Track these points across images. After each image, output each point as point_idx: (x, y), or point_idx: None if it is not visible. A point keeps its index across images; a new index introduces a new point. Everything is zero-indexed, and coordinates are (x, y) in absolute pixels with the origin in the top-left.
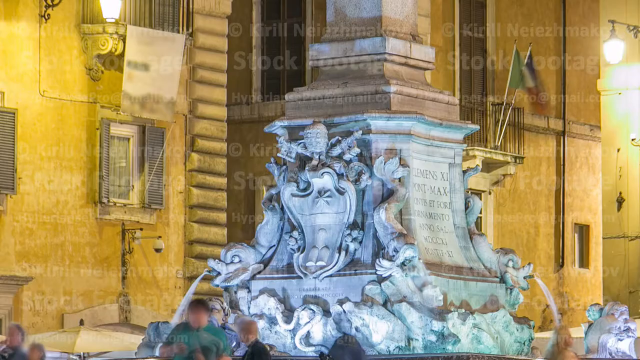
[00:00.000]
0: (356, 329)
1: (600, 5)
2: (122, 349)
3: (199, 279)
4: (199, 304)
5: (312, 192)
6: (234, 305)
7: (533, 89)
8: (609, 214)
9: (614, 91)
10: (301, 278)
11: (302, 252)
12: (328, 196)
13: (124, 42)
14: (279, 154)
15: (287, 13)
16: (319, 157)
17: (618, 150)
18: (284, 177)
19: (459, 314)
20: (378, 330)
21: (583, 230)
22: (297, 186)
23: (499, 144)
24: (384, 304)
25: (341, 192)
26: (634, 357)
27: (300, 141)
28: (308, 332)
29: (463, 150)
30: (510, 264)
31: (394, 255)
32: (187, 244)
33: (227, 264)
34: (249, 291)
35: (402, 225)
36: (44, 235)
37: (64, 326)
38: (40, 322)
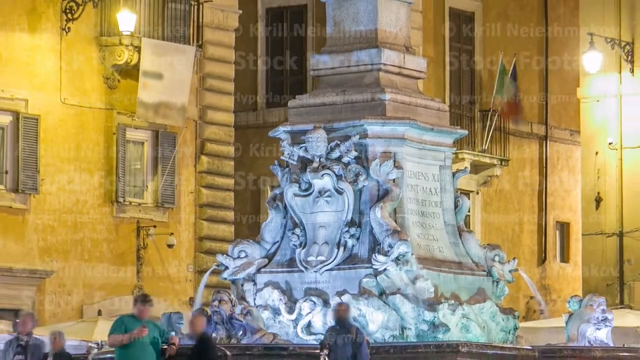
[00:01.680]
0: (354, 318)
1: (580, 19)
2: None
3: (208, 272)
4: (148, 298)
5: (313, 192)
6: (241, 297)
7: (513, 98)
8: (587, 212)
9: (592, 99)
10: (303, 272)
11: (303, 248)
12: (328, 196)
13: (139, 53)
14: (282, 157)
15: (290, 25)
16: (320, 159)
17: (596, 153)
18: (287, 178)
19: (449, 305)
20: (374, 320)
21: (564, 228)
22: (299, 187)
23: (486, 148)
24: (380, 296)
25: (340, 192)
26: (611, 344)
27: (302, 145)
28: (309, 322)
29: (453, 153)
30: (497, 258)
31: (388, 251)
32: (197, 240)
33: (234, 258)
34: (255, 284)
35: (396, 222)
36: (65, 232)
37: (83, 316)
38: (61, 312)
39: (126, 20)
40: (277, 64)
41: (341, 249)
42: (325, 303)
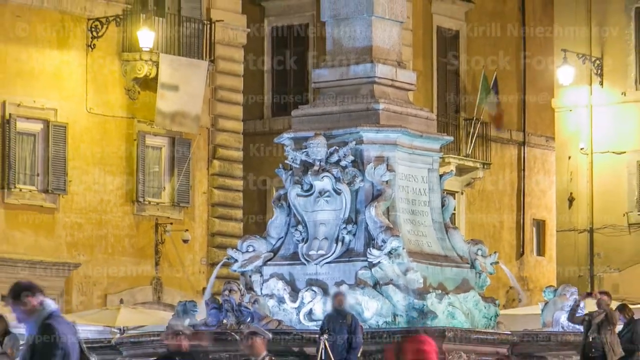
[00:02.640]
0: (350, 306)
1: (554, 37)
2: (155, 323)
3: (219, 265)
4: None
5: (314, 192)
6: (249, 287)
7: (495, 107)
8: (561, 211)
9: (565, 108)
10: (305, 264)
11: (305, 243)
12: (327, 196)
13: (157, 68)
14: (286, 161)
15: (294, 45)
16: (320, 163)
17: (569, 157)
18: (290, 180)
19: (437, 294)
20: (369, 308)
21: (540, 225)
22: (302, 188)
23: (470, 152)
24: (374, 286)
25: (338, 192)
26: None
27: (304, 150)
28: (310, 309)
29: (440, 157)
30: (479, 252)
31: (382, 246)
32: (210, 236)
33: (243, 252)
34: (261, 275)
35: (389, 220)
36: (90, 228)
37: (106, 305)
38: (86, 301)
39: (146, 37)
40: (282, 83)
41: (339, 244)
42: (325, 292)
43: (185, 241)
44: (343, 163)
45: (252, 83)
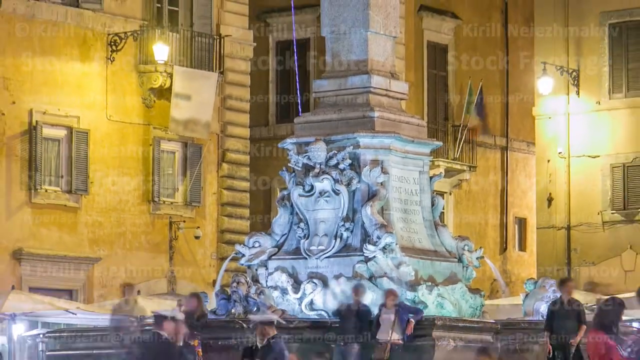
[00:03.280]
0: (348, 297)
1: (535, 51)
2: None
3: (228, 259)
4: None
5: (314, 193)
6: (255, 280)
7: (480, 115)
8: (541, 210)
9: (545, 116)
10: (306, 258)
11: (307, 239)
12: (327, 196)
13: (171, 79)
14: (289, 164)
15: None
16: (320, 166)
17: (548, 161)
18: (293, 182)
19: (427, 286)
20: (365, 298)
21: (522, 222)
22: (303, 188)
23: (457, 156)
24: (370, 279)
25: (337, 193)
26: None
27: (305, 154)
28: (311, 300)
29: (430, 161)
30: (466, 248)
31: (377, 241)
32: (219, 233)
33: (249, 248)
34: (267, 269)
35: (383, 218)
36: (110, 226)
37: (125, 295)
38: (106, 292)
39: (161, 51)
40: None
41: (338, 240)
42: (325, 284)
43: (196, 237)
44: (341, 166)
45: (258, 92)
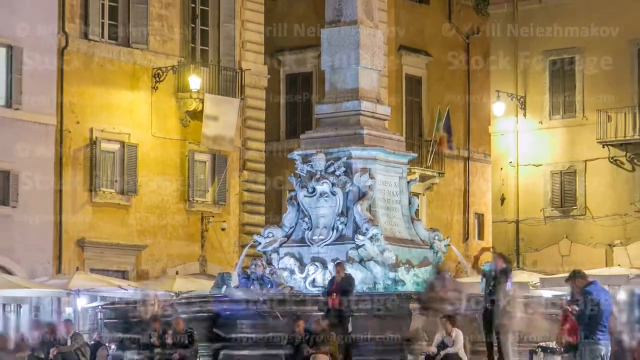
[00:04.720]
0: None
1: (490, 81)
2: (202, 289)
3: (247, 246)
4: None
5: (316, 194)
6: (269, 263)
7: (446, 135)
8: (496, 207)
9: (498, 133)
10: (309, 246)
11: (310, 230)
12: (326, 196)
13: (203, 104)
14: (296, 171)
15: (302, 87)
16: (320, 173)
17: (501, 169)
18: (299, 185)
19: (405, 268)
20: (356, 277)
21: (480, 217)
22: (307, 190)
23: (429, 165)
24: (360, 262)
25: (334, 194)
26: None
27: (309, 163)
28: (314, 279)
29: (407, 168)
30: (436, 237)
31: (365, 232)
32: (241, 226)
33: (265, 237)
34: (278, 254)
35: (370, 214)
36: (154, 220)
37: (166, 275)
38: (151, 272)
39: (194, 82)
40: (294, 110)
41: (334, 231)
42: (324, 266)
43: (223, 229)
44: (337, 173)
45: (271, 114)
